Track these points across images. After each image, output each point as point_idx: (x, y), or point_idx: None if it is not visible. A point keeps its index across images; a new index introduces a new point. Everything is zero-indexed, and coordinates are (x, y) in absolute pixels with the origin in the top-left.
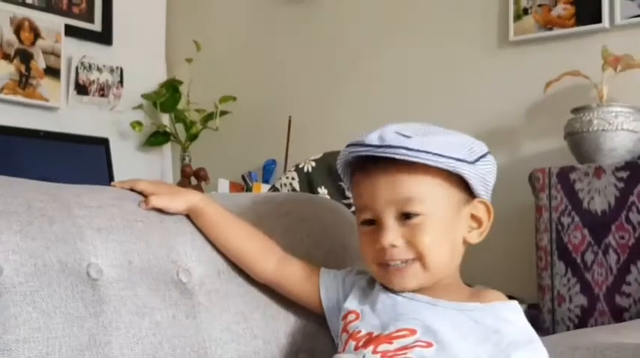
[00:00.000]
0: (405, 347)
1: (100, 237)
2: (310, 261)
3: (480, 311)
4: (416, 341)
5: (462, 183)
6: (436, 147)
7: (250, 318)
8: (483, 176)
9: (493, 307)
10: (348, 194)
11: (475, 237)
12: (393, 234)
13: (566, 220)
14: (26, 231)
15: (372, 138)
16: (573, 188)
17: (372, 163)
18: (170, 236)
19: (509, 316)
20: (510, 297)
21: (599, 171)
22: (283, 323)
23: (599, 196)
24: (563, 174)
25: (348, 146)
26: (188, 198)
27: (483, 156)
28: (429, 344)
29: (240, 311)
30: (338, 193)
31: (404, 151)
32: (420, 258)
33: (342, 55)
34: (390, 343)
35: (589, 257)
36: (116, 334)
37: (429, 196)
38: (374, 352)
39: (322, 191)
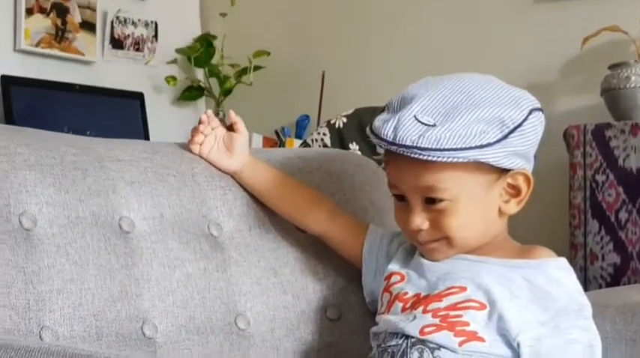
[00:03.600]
0: (456, 305)
1: (132, 191)
2: None
3: (529, 268)
4: (467, 299)
5: None
6: (455, 140)
7: (280, 273)
8: (516, 149)
9: (543, 264)
10: (379, 150)
11: (513, 207)
12: (419, 218)
13: (600, 178)
14: (60, 183)
15: (388, 132)
16: (609, 145)
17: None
18: (201, 190)
19: (559, 275)
20: None
21: (635, 129)
22: (312, 279)
23: (635, 154)
24: (599, 131)
25: (370, 127)
26: (242, 159)
27: (518, 126)
28: (483, 306)
29: (270, 266)
30: (369, 149)
31: (417, 151)
32: (447, 239)
33: (377, 9)
34: (440, 301)
35: (623, 215)
36: (147, 286)
37: (452, 183)
38: (424, 311)
39: (353, 147)
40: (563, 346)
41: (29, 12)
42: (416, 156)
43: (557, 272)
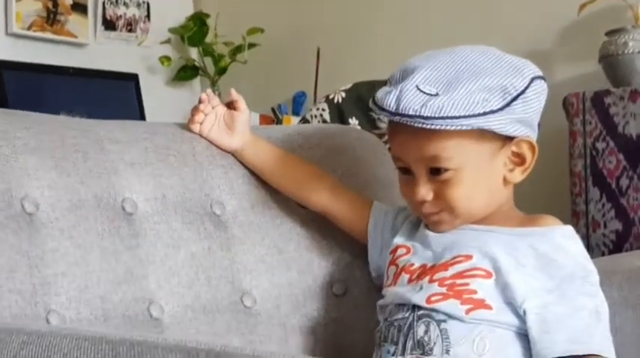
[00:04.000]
0: (462, 273)
1: (134, 172)
2: None
3: (535, 236)
4: (473, 268)
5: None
6: (458, 107)
7: (284, 250)
8: (520, 117)
9: (548, 232)
10: (380, 124)
11: (518, 176)
12: (424, 189)
13: (600, 145)
14: (61, 166)
15: (390, 103)
16: (608, 112)
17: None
18: (203, 169)
19: (565, 243)
20: None
21: (634, 95)
22: (317, 255)
23: (635, 120)
24: (598, 98)
25: (372, 99)
26: (243, 138)
27: (521, 93)
28: (489, 274)
29: (274, 244)
30: (369, 123)
31: (420, 120)
32: (451, 210)
33: None
34: (446, 270)
35: (624, 182)
36: (152, 267)
37: (456, 152)
38: (430, 281)
39: (353, 121)
40: (569, 313)
41: None
42: (419, 124)
43: (563, 240)
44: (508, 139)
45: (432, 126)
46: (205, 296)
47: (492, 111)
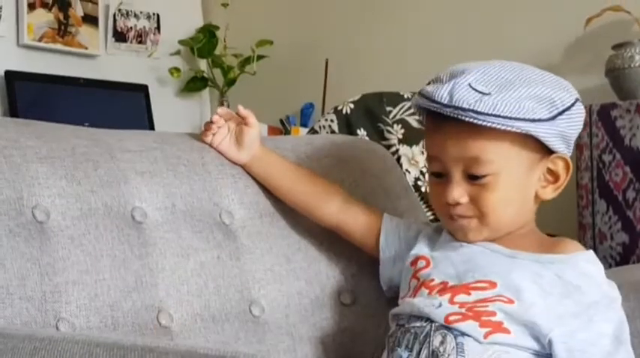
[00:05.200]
0: (485, 300)
1: (144, 181)
2: None
3: (560, 263)
4: (496, 296)
5: (537, 141)
6: (510, 108)
7: (293, 260)
8: (563, 132)
9: (573, 259)
10: (387, 136)
11: (549, 193)
12: (458, 191)
13: (607, 158)
14: (71, 175)
15: (443, 94)
16: (615, 125)
17: (442, 117)
18: (212, 179)
19: (589, 269)
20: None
21: None
22: (326, 265)
23: None
24: (605, 111)
25: (420, 93)
26: (251, 152)
27: (567, 109)
28: (511, 301)
29: (282, 253)
30: (377, 134)
31: (472, 114)
32: (482, 216)
33: None
34: (469, 294)
35: (630, 194)
36: (162, 275)
37: (498, 156)
38: (451, 302)
39: (361, 133)
40: (592, 340)
41: (31, 7)
42: (471, 119)
43: (587, 266)
44: (547, 154)
45: (484, 123)
46: (214, 305)
47: (541, 120)
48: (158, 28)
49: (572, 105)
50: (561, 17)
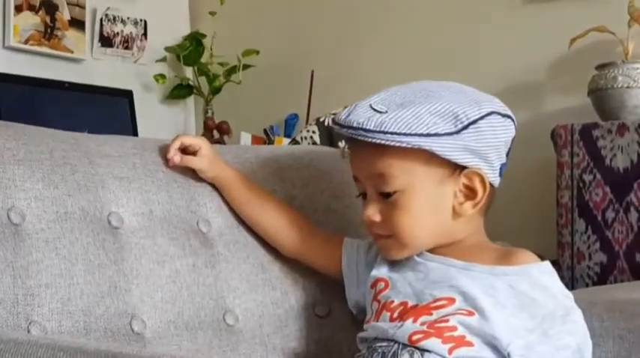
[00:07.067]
0: (446, 316)
1: (122, 186)
2: (329, 213)
3: (514, 275)
4: (456, 310)
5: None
6: (399, 124)
7: (269, 269)
8: (468, 145)
9: (527, 270)
10: None
11: (468, 209)
12: (372, 209)
13: (587, 177)
14: (49, 178)
15: (342, 116)
16: (596, 145)
17: (353, 139)
18: (190, 186)
19: (543, 280)
20: (539, 256)
21: (622, 129)
22: (301, 276)
23: (622, 154)
24: (586, 130)
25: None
26: (219, 173)
27: (472, 122)
28: (470, 313)
29: (259, 263)
30: None
31: (362, 132)
32: (396, 235)
33: (365, 9)
34: (430, 314)
35: (610, 214)
36: (136, 282)
37: (402, 172)
38: (414, 323)
39: (342, 144)
40: (552, 353)
41: (18, 9)
42: (360, 137)
43: (541, 277)
44: (459, 168)
45: (373, 140)
46: (188, 312)
47: (438, 134)
48: (145, 34)
49: (481, 118)
50: (546, 36)
